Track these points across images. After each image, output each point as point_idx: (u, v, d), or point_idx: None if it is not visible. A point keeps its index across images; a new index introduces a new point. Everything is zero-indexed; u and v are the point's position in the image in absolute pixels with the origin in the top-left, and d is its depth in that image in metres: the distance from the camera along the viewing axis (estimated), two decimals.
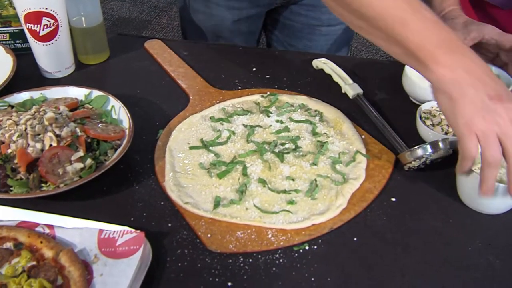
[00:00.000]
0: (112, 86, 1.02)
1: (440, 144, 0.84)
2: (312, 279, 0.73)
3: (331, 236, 0.79)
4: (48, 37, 1.04)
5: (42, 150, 0.83)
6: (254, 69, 1.14)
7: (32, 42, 1.05)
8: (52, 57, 1.07)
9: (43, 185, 0.81)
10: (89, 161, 0.84)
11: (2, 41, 1.15)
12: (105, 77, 1.13)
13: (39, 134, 0.83)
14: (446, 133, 0.90)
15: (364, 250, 0.77)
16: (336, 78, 1.07)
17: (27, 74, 1.10)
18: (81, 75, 1.12)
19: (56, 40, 1.05)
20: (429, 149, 0.84)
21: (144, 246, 0.75)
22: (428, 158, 0.84)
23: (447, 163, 0.89)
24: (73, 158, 0.83)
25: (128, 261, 0.73)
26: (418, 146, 0.85)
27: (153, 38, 1.24)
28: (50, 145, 0.83)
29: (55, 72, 1.09)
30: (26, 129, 0.83)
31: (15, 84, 1.02)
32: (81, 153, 0.84)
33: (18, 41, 1.16)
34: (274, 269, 0.74)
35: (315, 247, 0.77)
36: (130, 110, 0.95)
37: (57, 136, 0.84)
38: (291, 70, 1.14)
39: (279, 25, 1.36)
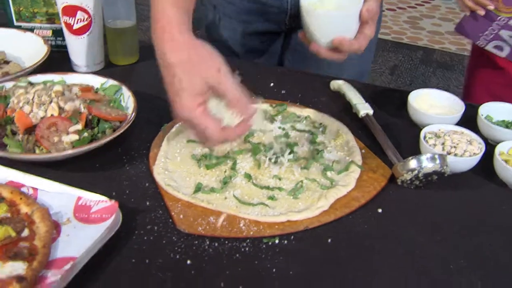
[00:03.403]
0: (132, 84, 1.06)
1: (436, 158, 0.80)
2: (274, 270, 0.70)
3: (305, 234, 0.76)
4: (81, 31, 1.11)
5: (43, 118, 0.87)
6: (271, 84, 1.16)
7: (67, 34, 1.12)
8: (82, 51, 1.14)
9: (36, 148, 0.84)
10: (85, 135, 0.87)
11: (45, 36, 1.23)
12: (129, 76, 1.18)
13: (44, 104, 0.88)
14: (448, 153, 0.86)
15: (337, 251, 0.73)
16: (348, 98, 1.06)
17: (59, 67, 1.17)
18: (107, 72, 1.18)
19: (88, 34, 1.12)
20: (422, 160, 0.80)
21: (116, 216, 0.75)
22: (421, 171, 0.80)
23: (443, 184, 0.85)
24: (70, 129, 0.86)
25: (96, 227, 0.74)
26: (411, 157, 0.81)
27: None
28: (52, 115, 0.87)
29: (84, 66, 1.16)
30: (33, 97, 0.88)
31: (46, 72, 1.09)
32: (79, 126, 0.87)
33: (59, 38, 1.24)
34: (237, 255, 0.72)
35: (286, 242, 0.74)
36: (142, 105, 0.98)
37: (60, 108, 0.88)
38: (308, 89, 1.14)
39: (290, 49, 1.37)
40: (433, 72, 3.47)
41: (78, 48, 1.14)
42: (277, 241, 0.74)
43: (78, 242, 0.71)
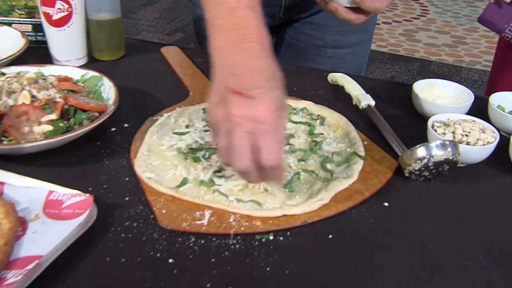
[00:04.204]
0: (116, 78, 0.98)
1: (447, 145, 0.72)
2: (268, 268, 0.61)
3: (303, 230, 0.67)
4: (60, 22, 1.04)
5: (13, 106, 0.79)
6: None
7: (46, 26, 1.05)
8: (63, 44, 1.07)
9: (4, 139, 0.76)
10: (60, 125, 0.79)
11: (25, 31, 1.16)
12: (114, 71, 1.10)
13: (15, 92, 0.80)
14: (460, 143, 0.78)
15: (339, 247, 0.65)
16: (348, 89, 0.98)
17: (39, 63, 1.09)
18: (91, 68, 1.10)
19: (68, 26, 1.04)
20: (432, 148, 0.72)
21: (90, 211, 0.67)
22: (431, 159, 0.72)
23: (454, 177, 0.77)
24: (43, 119, 0.78)
25: (67, 223, 0.66)
26: (420, 144, 0.73)
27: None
28: (23, 103, 0.79)
29: (65, 61, 1.08)
30: (3, 85, 0.80)
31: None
32: (53, 116, 0.79)
33: (39, 34, 1.17)
34: (226, 253, 0.63)
35: (281, 238, 0.66)
36: (126, 99, 0.91)
37: (33, 97, 0.80)
38: (304, 82, 1.07)
39: (284, 44, 1.30)
40: None
41: (58, 41, 1.07)
42: (271, 238, 0.66)
43: (45, 240, 0.63)
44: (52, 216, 0.67)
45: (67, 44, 1.07)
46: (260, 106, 0.61)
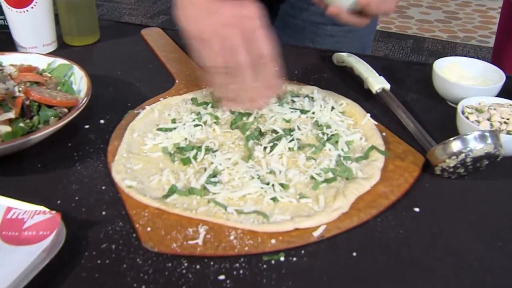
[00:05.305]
0: (89, 66, 0.85)
1: (487, 136, 0.60)
2: None
3: (320, 247, 0.55)
4: (22, 3, 0.90)
5: None
6: None
7: (5, 7, 0.91)
8: (27, 28, 0.93)
9: None
10: (21, 125, 0.65)
11: None
12: (87, 59, 0.97)
13: None
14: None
15: (366, 268, 0.53)
16: (358, 71, 0.86)
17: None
18: (61, 55, 0.96)
19: (32, 7, 0.90)
20: (469, 141, 0.60)
21: (57, 232, 0.54)
22: (469, 154, 0.60)
23: (492, 172, 0.65)
24: None
25: (29, 249, 0.53)
26: (454, 137, 0.61)
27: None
28: None
29: (31, 48, 0.94)
30: None
31: None
32: (12, 114, 0.66)
33: (0, 17, 1.03)
34: (228, 281, 0.51)
35: (295, 259, 0.54)
36: (101, 91, 0.78)
37: None
38: (305, 64, 0.94)
39: (279, 22, 1.16)
40: (425, 60, 3.30)
41: (21, 24, 0.93)
42: (282, 259, 0.53)
43: (2, 272, 0.50)
44: (10, 241, 0.55)
45: (31, 28, 0.93)
46: (248, 6, 0.66)
